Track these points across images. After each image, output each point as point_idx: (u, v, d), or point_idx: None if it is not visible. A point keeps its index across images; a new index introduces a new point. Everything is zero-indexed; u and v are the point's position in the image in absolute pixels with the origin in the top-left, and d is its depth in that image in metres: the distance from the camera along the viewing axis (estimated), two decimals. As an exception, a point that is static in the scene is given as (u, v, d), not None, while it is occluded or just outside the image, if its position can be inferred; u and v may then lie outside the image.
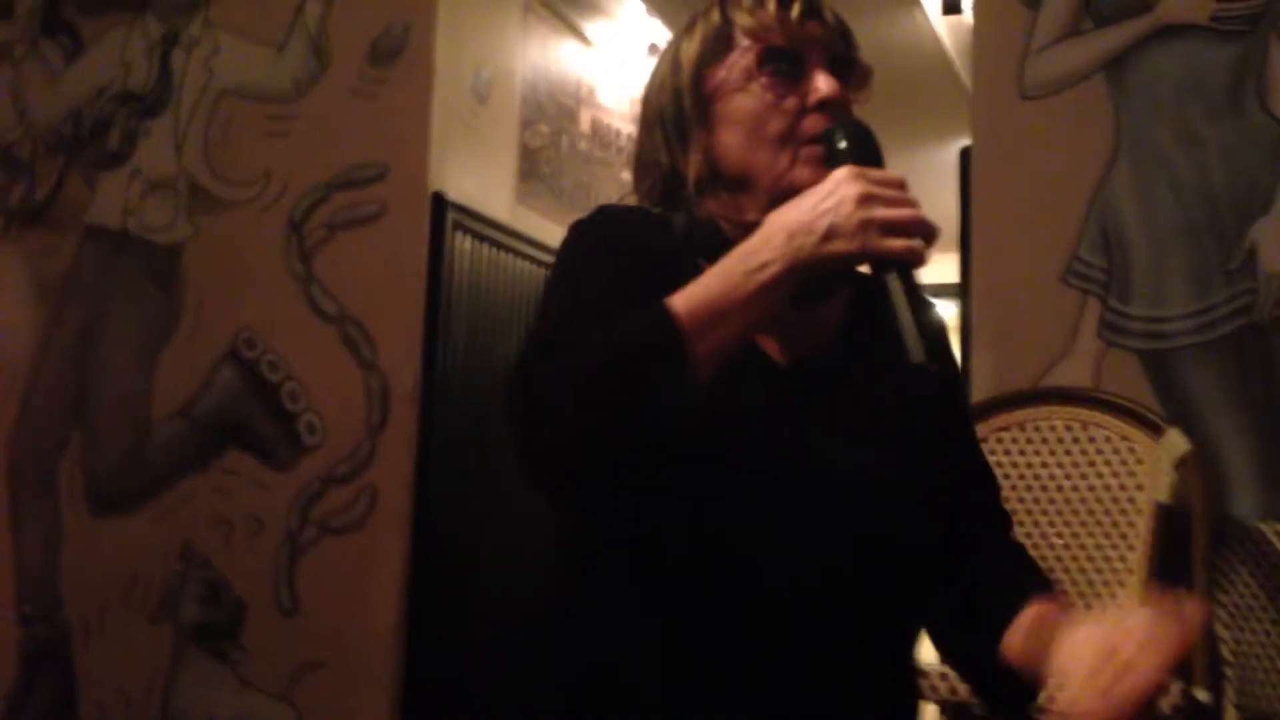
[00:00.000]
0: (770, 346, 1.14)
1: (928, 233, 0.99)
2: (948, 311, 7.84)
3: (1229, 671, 2.33)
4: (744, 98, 1.14)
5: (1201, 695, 2.10)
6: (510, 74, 3.64)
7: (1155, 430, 2.35)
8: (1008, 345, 2.70)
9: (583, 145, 4.06)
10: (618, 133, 4.25)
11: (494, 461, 3.26)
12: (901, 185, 1.01)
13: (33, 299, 3.59)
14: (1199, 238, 2.61)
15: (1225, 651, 2.34)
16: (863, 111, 1.22)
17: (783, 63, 1.14)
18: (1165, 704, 1.94)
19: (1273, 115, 2.61)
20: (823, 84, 1.12)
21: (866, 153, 1.09)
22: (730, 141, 1.15)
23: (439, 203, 3.25)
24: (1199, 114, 2.65)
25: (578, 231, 1.18)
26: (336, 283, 3.29)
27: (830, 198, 0.99)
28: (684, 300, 0.99)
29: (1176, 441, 2.32)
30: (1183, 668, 2.15)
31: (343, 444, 3.21)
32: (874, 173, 1.02)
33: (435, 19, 3.29)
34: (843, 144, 1.09)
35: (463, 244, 3.32)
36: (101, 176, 3.59)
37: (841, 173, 1.01)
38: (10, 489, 3.53)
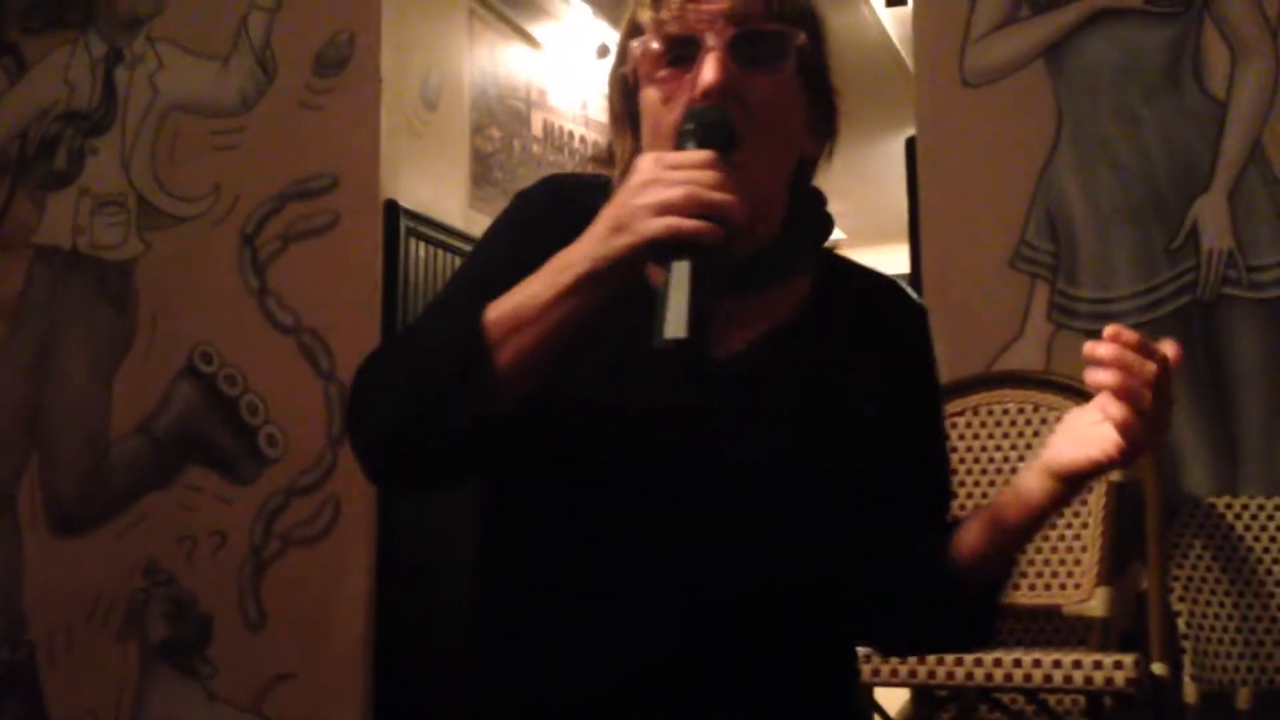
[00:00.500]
0: (713, 333, 1.06)
1: (715, 210, 0.92)
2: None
3: (1185, 644, 2.37)
4: (649, 89, 1.09)
5: (1159, 668, 2.13)
6: (458, 79, 3.64)
7: (1105, 409, 2.38)
8: (959, 330, 2.73)
9: (535, 148, 4.06)
10: (569, 134, 4.26)
11: (456, 467, 3.26)
12: (699, 164, 0.94)
13: (-15, 322, 3.56)
14: (1142, 218, 2.66)
15: (1181, 624, 2.38)
16: None
17: (678, 49, 1.07)
18: (1121, 678, 1.97)
19: (1209, 94, 2.66)
20: (706, 73, 1.04)
21: (712, 139, 1.00)
22: (644, 134, 1.12)
23: (392, 210, 3.25)
24: (1137, 96, 2.70)
25: (515, 204, 1.18)
26: (292, 294, 3.28)
27: (624, 189, 0.96)
28: (496, 305, 0.98)
29: (1126, 419, 2.35)
30: (1138, 641, 2.18)
31: (304, 455, 3.21)
32: (670, 155, 0.97)
33: (380, 27, 3.30)
34: (688, 138, 1.01)
35: (417, 250, 3.32)
36: (50, 196, 3.56)
37: (637, 161, 0.97)
38: (-31, 513, 3.50)
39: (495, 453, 1.04)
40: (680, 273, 0.91)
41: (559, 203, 1.13)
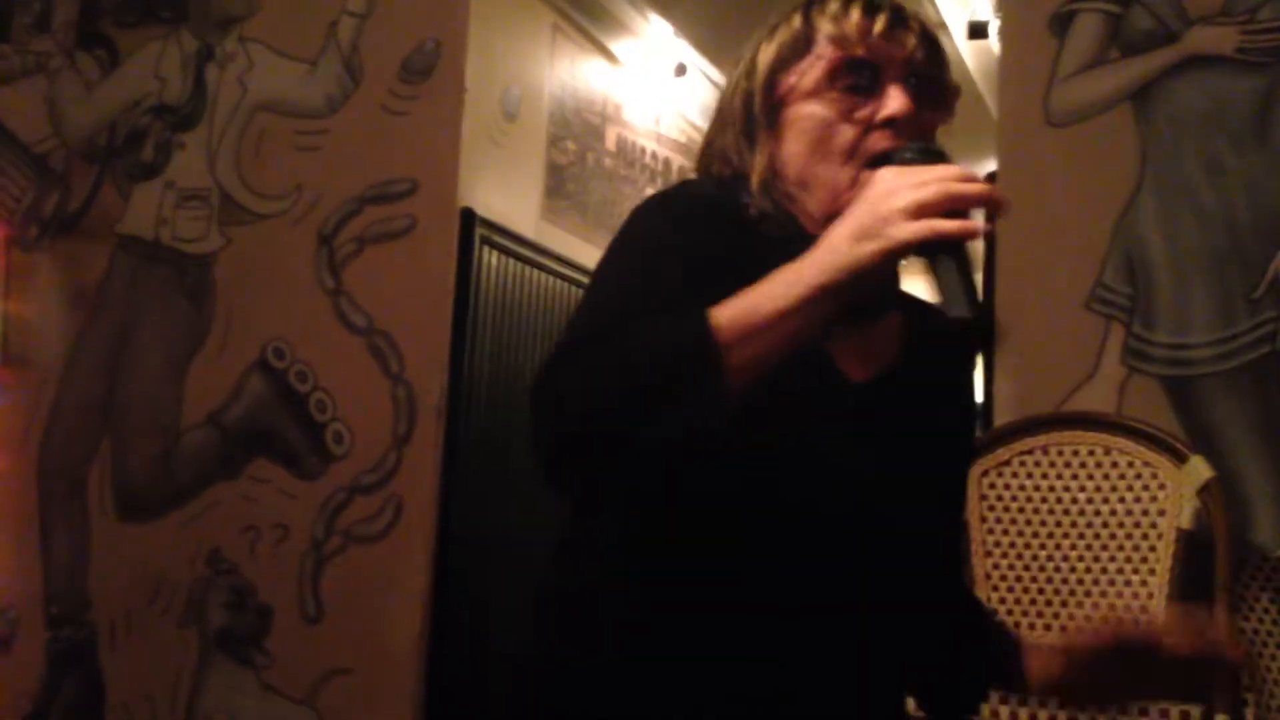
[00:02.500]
0: (847, 362, 1.12)
1: (979, 204, 0.95)
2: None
3: (1249, 697, 2.35)
4: (814, 105, 1.11)
5: (1221, 720, 2.12)
6: (539, 91, 3.68)
7: (1178, 457, 2.38)
8: (1031, 369, 2.73)
9: (608, 162, 4.10)
10: (643, 150, 4.30)
11: (518, 474, 3.29)
12: (946, 174, 0.96)
13: (65, 307, 3.64)
14: (1223, 266, 2.64)
15: (1245, 678, 2.36)
16: None
17: (859, 75, 1.10)
18: (1187, 729, 1.96)
19: (1297, 146, 2.64)
20: (894, 102, 1.08)
21: (934, 160, 1.04)
22: (795, 149, 1.12)
23: (467, 218, 3.30)
24: (1224, 144, 2.68)
25: (649, 205, 1.14)
26: (365, 295, 3.33)
27: (863, 201, 0.96)
28: (726, 311, 0.95)
29: (1199, 468, 2.34)
30: (1203, 693, 2.17)
31: (369, 454, 3.25)
32: (912, 169, 0.97)
33: (466, 37, 3.34)
34: (910, 161, 1.04)
35: (490, 259, 3.37)
36: (135, 187, 3.64)
37: (877, 174, 0.98)
38: (41, 493, 3.57)
39: (697, 466, 0.99)
40: (947, 265, 0.95)
41: (710, 210, 1.12)
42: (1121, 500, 2.38)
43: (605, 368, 0.97)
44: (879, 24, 1.11)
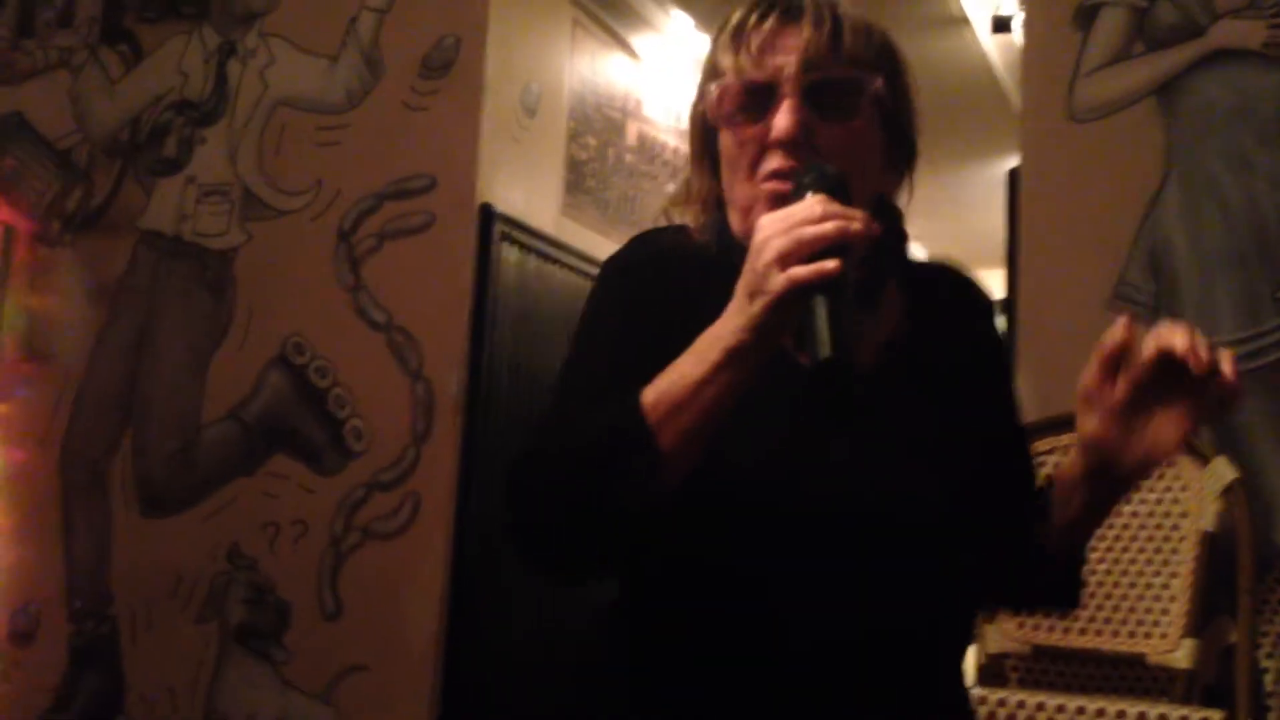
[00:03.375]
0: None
1: (825, 244, 0.95)
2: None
3: (1271, 703, 2.32)
4: (725, 137, 1.14)
5: (1243, 725, 2.10)
6: (558, 87, 3.67)
7: (1201, 458, 2.34)
8: (1053, 366, 2.69)
9: (629, 158, 4.08)
10: (663, 146, 4.28)
11: (536, 471, 3.28)
12: (803, 212, 0.97)
13: (88, 301, 3.66)
14: (1248, 264, 2.61)
15: (1268, 682, 2.33)
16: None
17: (752, 98, 1.10)
18: (1207, 734, 1.93)
19: (1325, 142, 2.60)
20: (777, 123, 1.08)
21: (821, 185, 1.03)
22: (723, 174, 1.16)
23: (486, 214, 3.29)
24: (1250, 140, 2.65)
25: (601, 276, 1.20)
26: (385, 291, 3.33)
27: (750, 254, 0.98)
28: (651, 390, 1.01)
29: (1223, 470, 2.31)
30: (1224, 696, 2.14)
31: (388, 451, 3.25)
32: (780, 211, 0.99)
33: (486, 33, 3.33)
34: (806, 187, 1.04)
35: (509, 255, 3.36)
36: (157, 183, 3.65)
37: (759, 223, 0.99)
38: (63, 487, 3.59)
39: (657, 533, 1.04)
40: (818, 306, 0.95)
41: (657, 268, 1.17)
42: (1144, 501, 2.35)
43: (551, 470, 1.05)
44: (765, 29, 1.10)
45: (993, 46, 4.14)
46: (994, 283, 3.22)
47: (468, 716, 3.14)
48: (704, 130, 1.18)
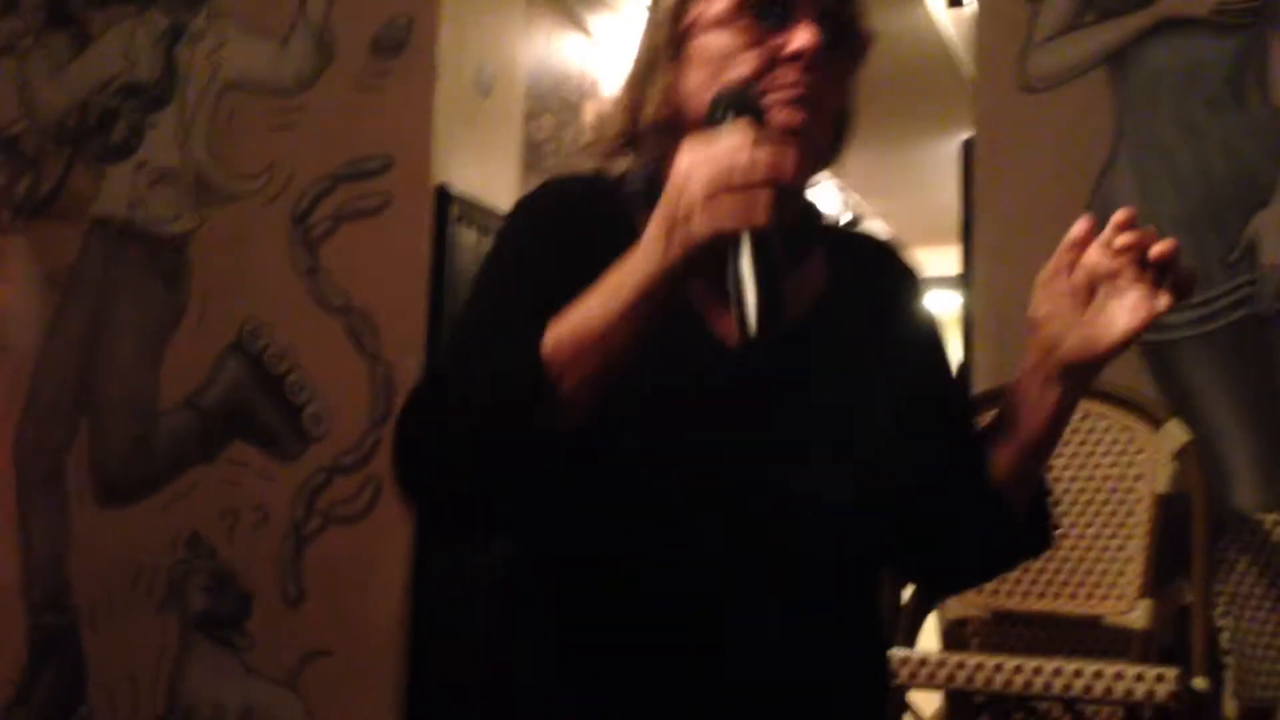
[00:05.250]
0: (729, 327, 1.05)
1: (768, 178, 0.87)
2: (951, 302, 7.74)
3: (1228, 660, 2.35)
4: (719, 35, 1.07)
5: (1200, 684, 2.12)
6: (514, 67, 3.65)
7: (1155, 421, 2.37)
8: (1009, 337, 2.71)
9: (586, 137, 4.08)
10: (621, 125, 4.27)
11: (498, 452, 3.27)
12: (734, 148, 0.89)
13: (39, 290, 3.61)
14: (1200, 230, 2.63)
15: (1224, 640, 2.36)
16: (868, 108, 1.18)
17: (769, 6, 1.07)
18: (1161, 691, 1.95)
19: (1273, 107, 2.62)
20: (802, 35, 1.04)
21: (746, 109, 0.98)
22: (696, 79, 1.08)
23: (443, 195, 3.27)
24: (1200, 107, 2.67)
25: (511, 217, 1.13)
26: (341, 274, 3.31)
27: (670, 184, 0.91)
28: (553, 330, 0.94)
29: (1175, 432, 2.33)
30: (1180, 655, 2.17)
31: (347, 435, 3.23)
32: (713, 142, 0.91)
33: (439, 12, 3.31)
34: (720, 113, 0.98)
35: (466, 236, 3.34)
36: (107, 169, 3.60)
37: (677, 159, 0.91)
38: (18, 479, 3.55)
39: (554, 484, 0.98)
40: (744, 262, 0.88)
41: (562, 208, 1.11)
42: (1099, 466, 2.37)
43: (447, 406, 0.98)
44: None
45: (948, 21, 4.15)
46: (953, 259, 3.23)
47: (433, 699, 3.13)
48: (681, 30, 1.10)
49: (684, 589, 1.02)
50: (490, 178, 3.50)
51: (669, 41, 1.10)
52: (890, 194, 6.49)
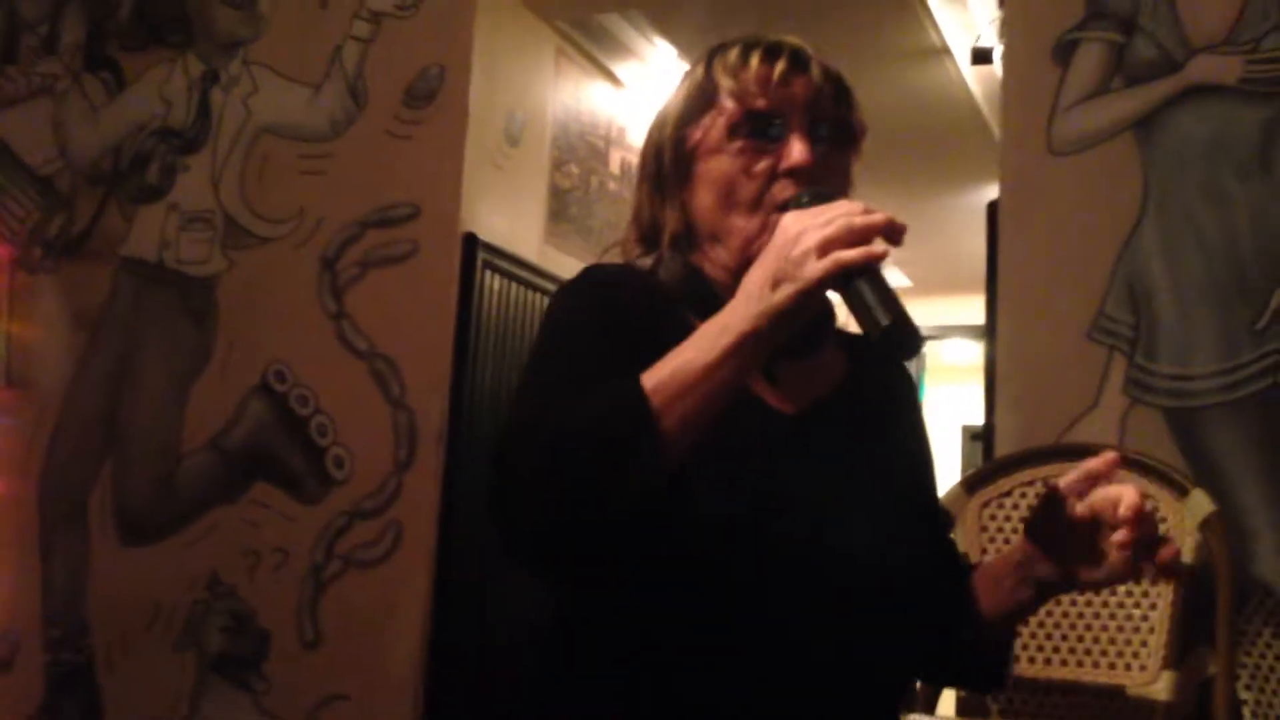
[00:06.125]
0: (774, 399, 1.16)
1: (881, 234, 0.97)
2: (970, 351, 7.69)
3: (1250, 733, 2.33)
4: (720, 160, 1.14)
5: (1222, 757, 2.10)
6: (542, 115, 3.69)
7: (1180, 490, 2.36)
8: (1033, 399, 2.71)
9: (612, 185, 4.10)
10: (647, 174, 4.29)
11: (519, 500, 3.28)
12: (847, 209, 0.99)
13: (69, 329, 3.65)
14: (1226, 297, 2.63)
15: (1247, 714, 2.34)
16: (894, 159, 1.24)
17: (759, 126, 1.13)
18: (1186, 769, 1.94)
19: (1301, 177, 2.63)
20: (795, 151, 1.11)
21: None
22: (705, 202, 1.16)
23: (470, 242, 3.29)
24: (1228, 174, 2.67)
25: (562, 296, 1.18)
26: (367, 319, 3.33)
27: (773, 247, 0.99)
28: (653, 373, 0.98)
29: (1201, 502, 2.32)
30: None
31: (370, 479, 3.25)
32: (813, 210, 1.00)
33: (470, 62, 3.35)
34: (807, 204, 1.06)
35: (492, 283, 3.36)
36: (139, 210, 3.65)
37: (782, 220, 1.01)
38: (42, 516, 3.57)
39: (650, 530, 1.00)
40: (859, 289, 0.97)
41: (612, 293, 1.16)
42: (1122, 533, 2.36)
43: (549, 453, 0.99)
44: (777, 71, 1.13)
45: (972, 79, 4.17)
46: (974, 308, 3.23)
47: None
48: (684, 156, 1.17)
49: (740, 628, 1.06)
50: (517, 225, 3.53)
51: (674, 164, 1.18)
52: (910, 243, 6.50)
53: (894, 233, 0.97)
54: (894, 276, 7.34)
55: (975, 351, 7.09)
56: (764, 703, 1.05)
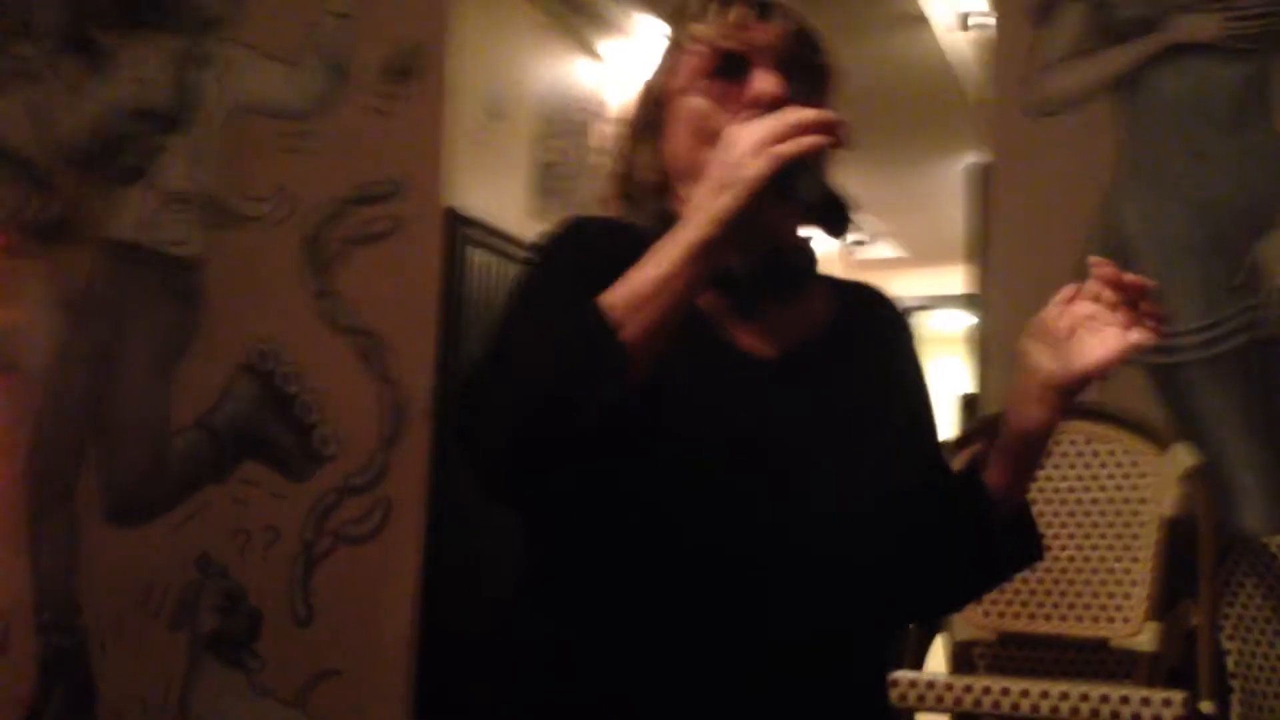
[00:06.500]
0: (753, 343, 1.16)
1: (818, 129, 0.98)
2: (956, 320, 7.70)
3: (1234, 684, 2.35)
4: (690, 100, 1.17)
5: (1207, 707, 2.12)
6: (524, 90, 3.68)
7: (1162, 445, 2.38)
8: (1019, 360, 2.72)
9: (595, 159, 4.10)
10: (630, 147, 4.29)
11: (507, 473, 3.28)
12: (783, 113, 1.01)
13: (51, 312, 3.64)
14: (1205, 254, 2.64)
15: (1231, 664, 2.36)
16: (878, 130, 1.24)
17: (728, 66, 1.16)
18: (1168, 715, 1.96)
19: (1279, 133, 2.64)
20: (764, 82, 1.13)
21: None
22: (679, 141, 1.18)
23: (453, 218, 3.29)
24: (1206, 132, 2.68)
25: (541, 244, 1.20)
26: (352, 297, 3.33)
27: (715, 158, 1.01)
28: (611, 292, 1.00)
29: (1182, 456, 2.34)
30: (1186, 678, 2.17)
31: (358, 456, 3.25)
32: (753, 122, 1.02)
33: (449, 37, 3.34)
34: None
35: (477, 258, 3.36)
36: (120, 191, 3.63)
37: (725, 133, 1.03)
38: (29, 499, 3.57)
39: (611, 456, 1.01)
40: (798, 180, 0.99)
41: (590, 240, 1.18)
42: (1104, 489, 2.38)
43: (513, 374, 1.02)
44: (743, 15, 1.16)
45: (953, 43, 4.17)
46: (958, 278, 3.25)
47: (442, 718, 3.14)
48: (656, 103, 1.21)
49: (716, 579, 1.06)
50: (501, 200, 3.53)
51: (651, 114, 1.21)
52: (897, 214, 6.51)
53: (831, 128, 0.99)
54: (882, 248, 7.34)
55: (961, 322, 7.10)
56: (734, 651, 1.06)
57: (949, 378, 7.81)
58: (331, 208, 3.37)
